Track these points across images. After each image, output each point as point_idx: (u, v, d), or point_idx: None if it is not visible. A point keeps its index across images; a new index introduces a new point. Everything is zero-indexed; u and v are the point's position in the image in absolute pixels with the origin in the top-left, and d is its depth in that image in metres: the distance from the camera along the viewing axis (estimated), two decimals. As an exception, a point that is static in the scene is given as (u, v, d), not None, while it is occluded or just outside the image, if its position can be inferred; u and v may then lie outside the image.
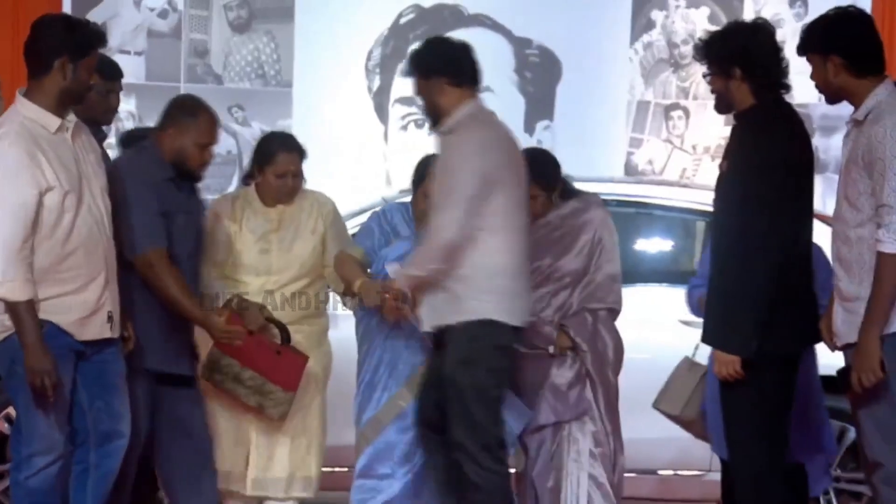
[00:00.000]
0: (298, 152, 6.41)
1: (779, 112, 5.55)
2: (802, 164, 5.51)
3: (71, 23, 5.77)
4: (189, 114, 6.15)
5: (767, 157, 5.38)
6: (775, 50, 5.60)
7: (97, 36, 5.74)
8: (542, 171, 6.09)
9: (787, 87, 5.62)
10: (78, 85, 5.64)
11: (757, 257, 5.36)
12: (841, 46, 5.12)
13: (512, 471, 6.02)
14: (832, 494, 6.80)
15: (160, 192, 5.97)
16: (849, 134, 5.16)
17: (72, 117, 5.69)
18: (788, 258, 5.45)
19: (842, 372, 5.16)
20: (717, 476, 6.35)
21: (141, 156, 6.14)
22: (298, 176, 6.41)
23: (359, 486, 6.14)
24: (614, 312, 6.18)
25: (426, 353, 6.03)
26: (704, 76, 5.64)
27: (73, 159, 5.63)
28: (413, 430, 6.01)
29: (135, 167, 6.00)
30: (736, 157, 5.49)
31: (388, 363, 6.14)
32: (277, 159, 6.30)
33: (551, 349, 6.12)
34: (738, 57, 5.48)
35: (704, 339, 5.55)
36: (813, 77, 5.26)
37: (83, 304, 5.64)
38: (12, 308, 5.54)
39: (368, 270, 6.13)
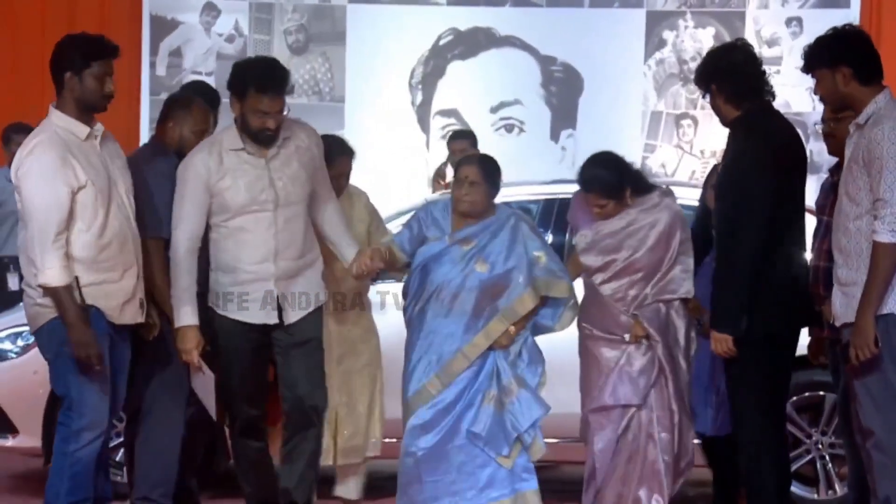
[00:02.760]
0: (351, 155, 6.40)
1: (761, 118, 5.64)
2: (787, 162, 5.61)
3: (75, 39, 5.76)
4: (183, 106, 6.14)
5: (753, 159, 5.54)
6: (750, 64, 5.76)
7: (98, 47, 5.69)
8: (605, 183, 5.90)
9: (766, 95, 5.72)
10: (87, 94, 5.62)
11: (743, 248, 5.52)
12: (850, 58, 5.15)
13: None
14: (828, 459, 6.78)
15: (170, 182, 5.85)
16: (851, 136, 5.18)
17: (99, 126, 5.70)
18: (778, 248, 5.56)
19: (843, 348, 5.17)
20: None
21: (144, 151, 6.14)
22: (348, 176, 6.39)
23: (400, 461, 6.01)
24: (687, 301, 5.96)
25: (462, 342, 5.88)
26: (703, 97, 5.87)
27: (101, 163, 5.66)
28: (438, 409, 5.86)
29: (140, 161, 5.94)
30: (728, 161, 5.69)
31: (426, 351, 5.94)
32: (336, 161, 6.25)
33: (626, 337, 5.91)
34: (713, 75, 5.74)
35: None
36: (818, 89, 5.29)
37: (122, 291, 5.65)
38: (53, 292, 5.57)
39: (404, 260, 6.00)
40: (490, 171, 6.00)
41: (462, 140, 8.93)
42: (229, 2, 11.01)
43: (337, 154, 6.26)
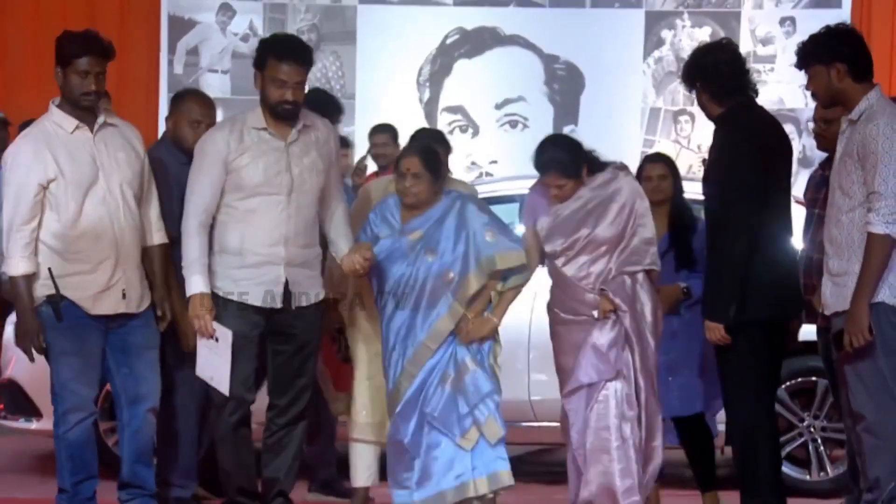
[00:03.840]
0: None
1: (743, 113, 5.65)
2: (770, 154, 5.59)
3: (65, 36, 5.68)
4: (178, 99, 6.14)
5: (737, 153, 5.54)
6: (732, 63, 5.73)
7: (83, 44, 5.60)
8: (563, 163, 5.72)
9: (749, 92, 5.71)
10: (69, 89, 5.57)
11: (731, 238, 5.52)
12: (845, 55, 5.14)
13: None
14: (820, 442, 6.77)
15: (178, 180, 5.82)
16: (844, 132, 5.17)
17: (101, 119, 5.65)
18: (767, 237, 5.55)
19: (835, 336, 5.17)
20: (721, 427, 6.31)
21: (157, 149, 6.08)
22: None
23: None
24: (653, 273, 5.74)
25: (422, 333, 5.71)
26: (689, 92, 5.86)
27: (88, 156, 5.62)
28: (408, 399, 5.72)
29: (154, 161, 5.89)
30: (714, 156, 5.69)
31: (395, 346, 5.77)
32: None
33: (595, 314, 5.66)
34: (697, 74, 5.72)
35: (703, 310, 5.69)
36: (811, 85, 5.27)
37: (94, 283, 5.59)
38: (12, 281, 5.57)
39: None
40: (431, 161, 5.79)
41: (382, 134, 8.69)
42: (244, 2, 11.00)
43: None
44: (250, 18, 11.02)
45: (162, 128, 10.79)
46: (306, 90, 5.75)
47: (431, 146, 5.91)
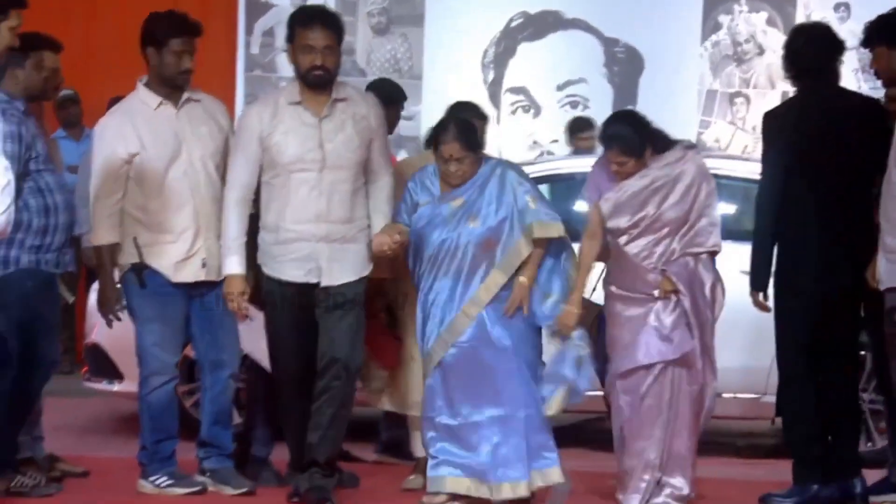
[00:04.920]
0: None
1: (799, 96, 5.64)
2: (808, 136, 5.65)
3: (158, 17, 5.73)
4: None
5: (771, 135, 5.75)
6: (804, 46, 5.76)
7: (178, 25, 5.64)
8: (626, 140, 5.55)
9: (812, 74, 5.71)
10: (165, 69, 5.64)
11: (762, 213, 5.74)
12: None
13: None
14: (867, 414, 6.72)
15: None
16: None
17: (185, 95, 5.69)
18: (803, 214, 5.63)
19: (889, 310, 5.17)
20: (771, 398, 6.30)
21: None
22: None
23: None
24: (714, 254, 5.63)
25: (462, 301, 5.51)
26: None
27: (171, 130, 5.65)
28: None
29: None
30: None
31: (430, 314, 5.58)
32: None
33: (656, 293, 5.52)
34: (784, 58, 5.80)
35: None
36: (874, 64, 5.35)
37: (176, 252, 5.65)
38: (95, 249, 5.63)
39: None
40: (470, 139, 5.59)
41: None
42: (317, -14, 11.03)
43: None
44: (323, 1, 11.04)
45: (239, 106, 10.89)
46: (372, 79, 5.70)
47: (466, 122, 5.71)
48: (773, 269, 5.80)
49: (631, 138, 5.55)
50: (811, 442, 5.74)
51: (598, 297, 5.89)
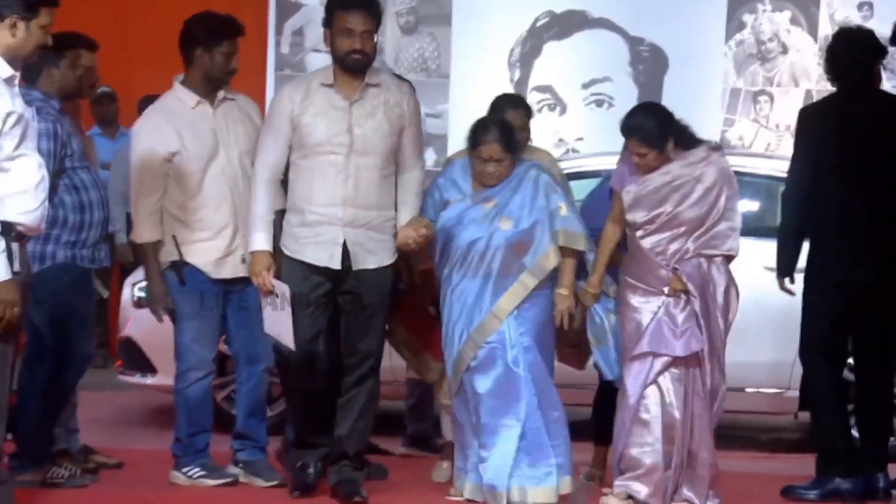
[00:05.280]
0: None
1: (836, 95, 5.65)
2: (841, 136, 5.71)
3: (206, 17, 5.75)
4: None
5: (805, 132, 5.78)
6: (844, 49, 5.81)
7: (227, 26, 5.66)
8: (647, 131, 5.42)
9: (851, 76, 5.76)
10: (215, 69, 5.65)
11: (788, 206, 5.83)
12: None
13: None
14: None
15: None
16: None
17: (221, 94, 5.69)
18: (832, 211, 5.68)
19: None
20: (794, 393, 6.29)
21: None
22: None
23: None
24: (730, 259, 5.50)
25: (492, 302, 5.42)
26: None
27: (209, 129, 5.67)
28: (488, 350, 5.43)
29: None
30: None
31: (459, 315, 5.48)
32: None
33: (666, 290, 5.40)
34: (825, 59, 5.91)
35: None
36: None
37: (215, 249, 5.66)
38: (139, 248, 5.66)
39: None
40: (510, 142, 5.49)
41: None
42: (346, -13, 11.03)
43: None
44: (352, 1, 11.05)
45: (268, 104, 10.91)
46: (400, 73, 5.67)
47: (506, 123, 5.59)
48: (805, 263, 5.81)
49: (651, 129, 5.41)
50: (835, 435, 5.72)
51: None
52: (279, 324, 5.51)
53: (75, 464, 5.91)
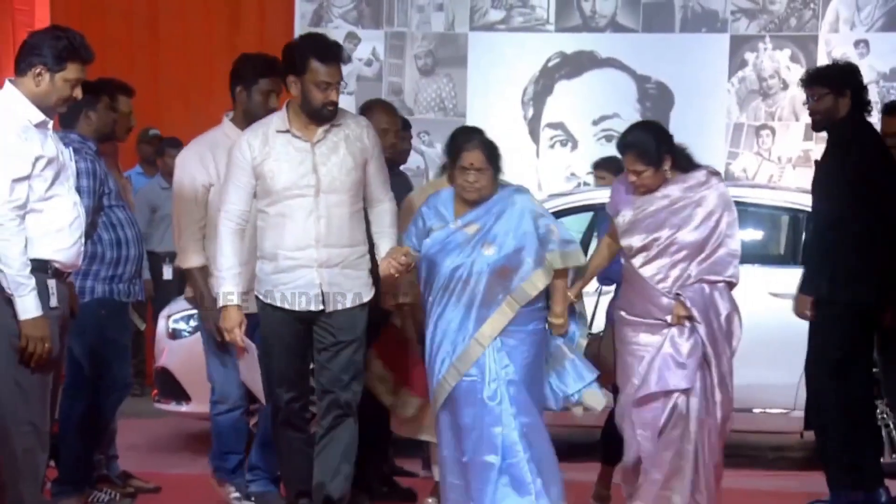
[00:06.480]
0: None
1: (863, 125, 5.73)
2: (879, 161, 5.68)
3: (249, 57, 5.70)
4: (366, 110, 5.88)
5: (852, 158, 5.62)
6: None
7: (267, 66, 5.55)
8: (643, 147, 5.11)
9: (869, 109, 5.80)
10: (253, 107, 5.57)
11: (816, 238, 5.71)
12: None
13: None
14: (892, 426, 6.67)
15: None
16: None
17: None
18: (870, 229, 5.58)
19: None
20: (800, 413, 6.26)
21: None
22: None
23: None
24: (731, 285, 5.16)
25: (475, 329, 5.14)
26: (818, 97, 5.71)
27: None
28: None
29: None
30: (832, 155, 5.72)
31: (441, 342, 5.19)
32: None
33: (669, 318, 5.05)
34: (851, 84, 5.74)
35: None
36: None
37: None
38: (188, 272, 5.58)
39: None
40: (493, 154, 5.22)
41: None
42: (368, 31, 11.08)
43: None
44: (373, 45, 11.10)
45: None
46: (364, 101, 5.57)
47: (491, 140, 5.31)
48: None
49: (647, 145, 5.09)
50: (841, 449, 5.68)
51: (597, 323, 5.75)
52: (252, 378, 5.41)
53: (115, 488, 5.91)
